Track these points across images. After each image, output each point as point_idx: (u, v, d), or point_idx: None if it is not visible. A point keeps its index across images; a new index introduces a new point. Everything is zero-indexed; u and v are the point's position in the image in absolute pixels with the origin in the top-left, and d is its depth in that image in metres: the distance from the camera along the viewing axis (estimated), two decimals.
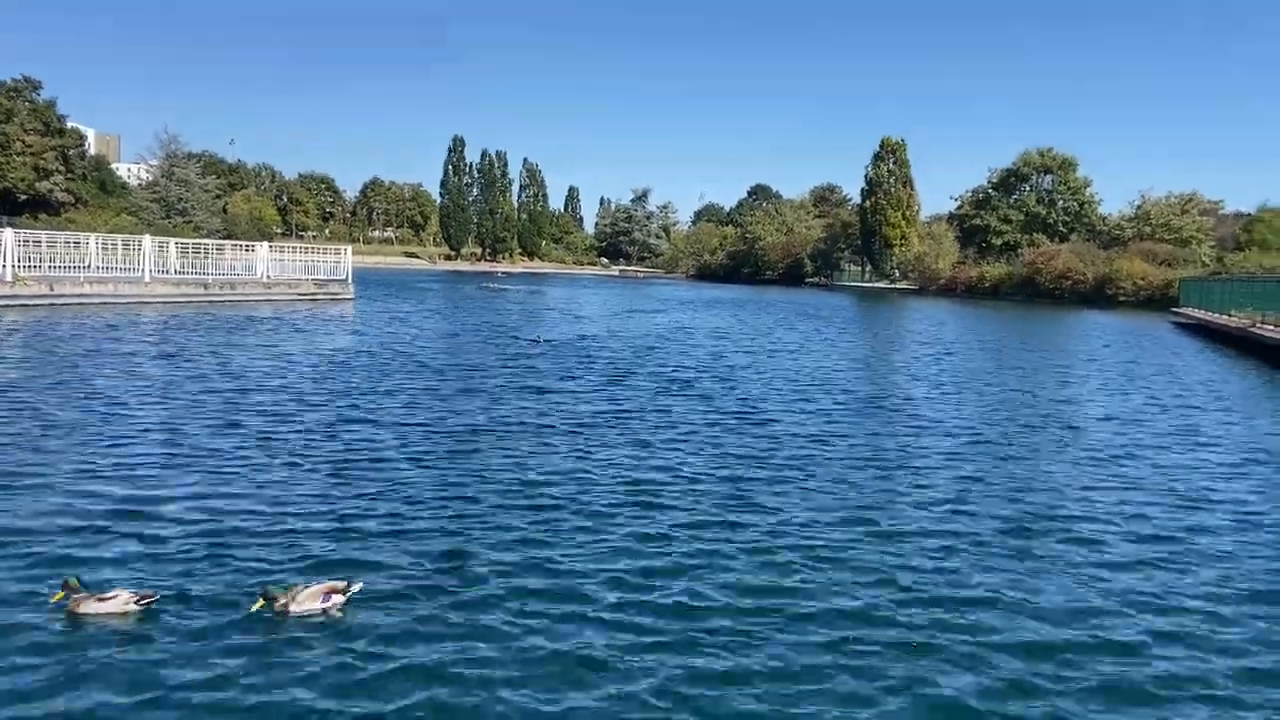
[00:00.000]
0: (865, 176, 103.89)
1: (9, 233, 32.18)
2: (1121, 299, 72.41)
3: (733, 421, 14.06)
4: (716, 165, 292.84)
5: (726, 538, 8.13)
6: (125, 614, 5.97)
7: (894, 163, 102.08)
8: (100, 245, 36.86)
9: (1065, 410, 16.75)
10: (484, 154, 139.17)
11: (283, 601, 6.00)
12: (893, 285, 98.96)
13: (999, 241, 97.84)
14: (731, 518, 8.74)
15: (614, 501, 9.14)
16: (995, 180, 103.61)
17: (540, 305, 48.93)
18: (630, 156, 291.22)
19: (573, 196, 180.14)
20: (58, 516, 7.96)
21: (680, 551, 7.71)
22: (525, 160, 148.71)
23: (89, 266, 35.60)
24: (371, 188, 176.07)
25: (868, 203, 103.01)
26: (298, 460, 10.34)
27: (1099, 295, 74.40)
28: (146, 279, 36.19)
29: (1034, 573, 7.52)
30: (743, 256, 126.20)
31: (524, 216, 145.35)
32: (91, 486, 8.97)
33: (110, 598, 6.03)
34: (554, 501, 9.03)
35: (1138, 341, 36.21)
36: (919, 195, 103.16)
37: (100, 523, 7.88)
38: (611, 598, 6.65)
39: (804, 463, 11.30)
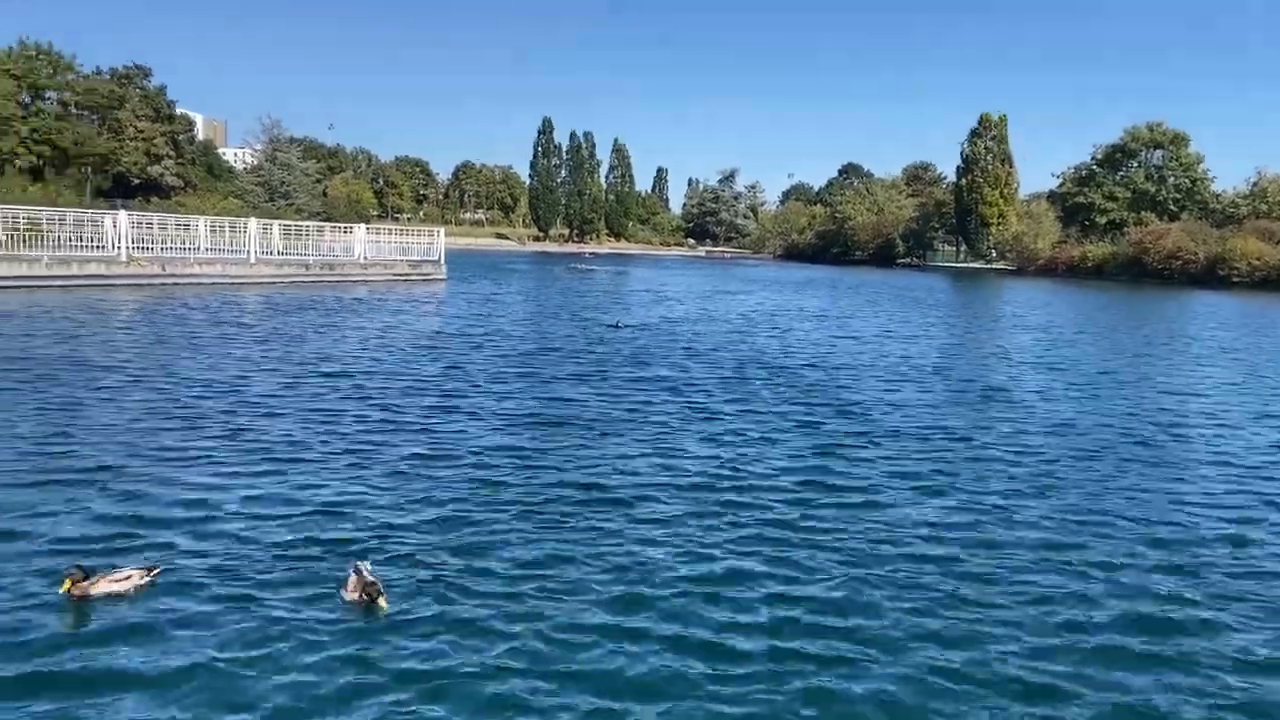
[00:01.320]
0: (961, 154, 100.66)
1: (123, 215, 33.89)
2: (1235, 279, 68.76)
3: (823, 413, 13.52)
4: (806, 145, 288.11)
5: (812, 542, 7.69)
6: (136, 590, 6.11)
7: (992, 139, 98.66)
8: (209, 227, 38.49)
9: (1198, 405, 15.52)
10: (572, 135, 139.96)
11: (372, 584, 6.13)
12: (989, 266, 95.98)
13: (1103, 220, 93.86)
14: (818, 521, 8.25)
15: (692, 498, 8.79)
16: (1100, 156, 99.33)
17: (626, 287, 49.06)
18: (718, 137, 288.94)
19: (660, 177, 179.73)
20: (127, 493, 8.29)
21: (762, 554, 7.39)
22: (615, 141, 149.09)
23: (198, 248, 37.22)
24: (463, 170, 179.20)
25: (964, 180, 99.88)
26: (372, 445, 10.41)
27: (1210, 275, 70.79)
28: (252, 260, 37.64)
29: (1181, 605, 6.69)
30: (832, 236, 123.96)
31: (611, 197, 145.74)
32: (172, 467, 9.35)
33: (124, 577, 6.14)
34: (626, 497, 8.73)
35: (1259, 325, 34.36)
36: (1017, 173, 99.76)
37: (171, 502, 8.12)
38: (681, 603, 6.40)
39: (901, 458, 10.75)
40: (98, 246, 32.68)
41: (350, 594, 6.15)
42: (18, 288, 28.12)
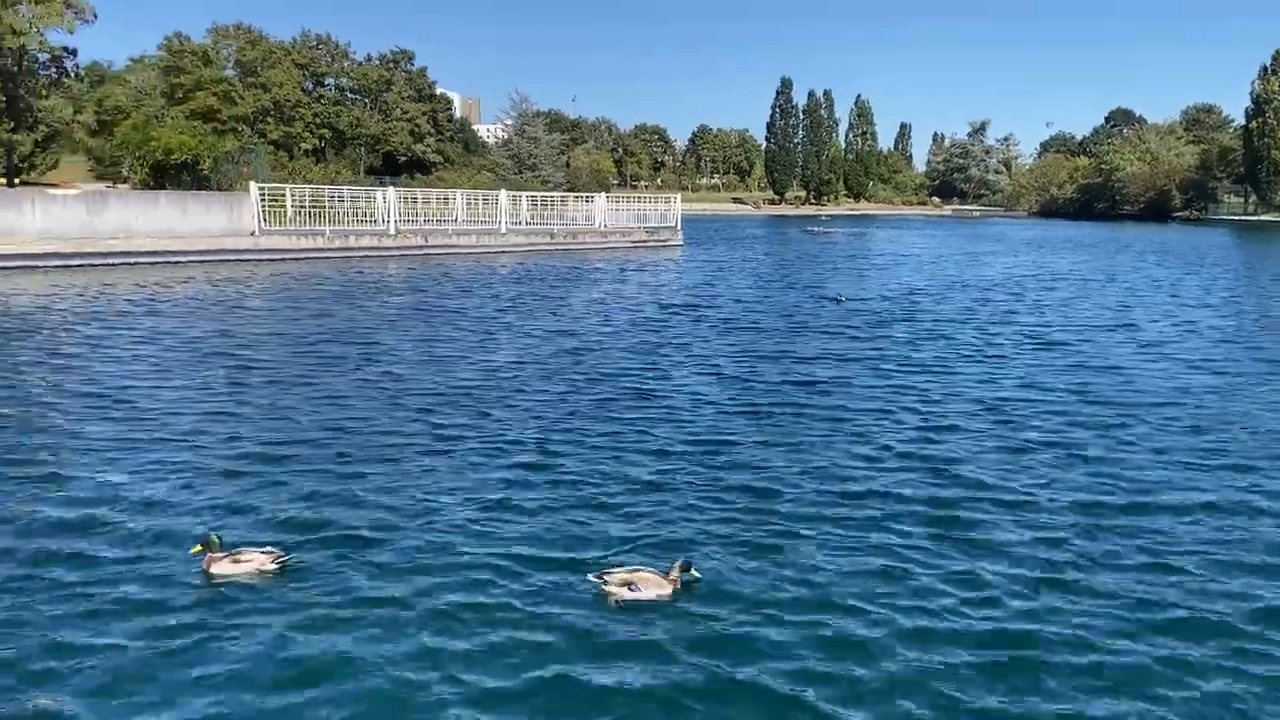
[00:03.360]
0: (1251, 93, 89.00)
1: (391, 191, 36.81)
2: None
3: (1103, 408, 11.15)
4: (1068, 91, 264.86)
5: (1110, 589, 6.12)
6: (262, 574, 6.01)
7: None
8: (465, 200, 40.99)
9: None
10: (810, 94, 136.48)
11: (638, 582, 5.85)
12: None
13: None
14: (1111, 549, 6.75)
15: (934, 516, 7.37)
16: None
17: (863, 251, 47.12)
18: (968, 88, 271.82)
19: (903, 134, 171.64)
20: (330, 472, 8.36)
21: (1054, 595, 6.04)
22: (857, 97, 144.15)
23: (455, 219, 39.77)
24: (700, 136, 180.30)
25: (1254, 124, 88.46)
26: (598, 432, 9.87)
27: None
28: (502, 230, 39.73)
29: None
30: (1096, 190, 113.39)
31: (850, 156, 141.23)
32: (380, 444, 9.31)
33: (247, 560, 6.07)
34: (856, 512, 7.51)
35: None
36: None
37: (355, 480, 8.11)
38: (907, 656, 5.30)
39: (1205, 468, 8.78)
40: (370, 221, 35.75)
41: (663, 585, 5.78)
42: (304, 259, 31.39)
